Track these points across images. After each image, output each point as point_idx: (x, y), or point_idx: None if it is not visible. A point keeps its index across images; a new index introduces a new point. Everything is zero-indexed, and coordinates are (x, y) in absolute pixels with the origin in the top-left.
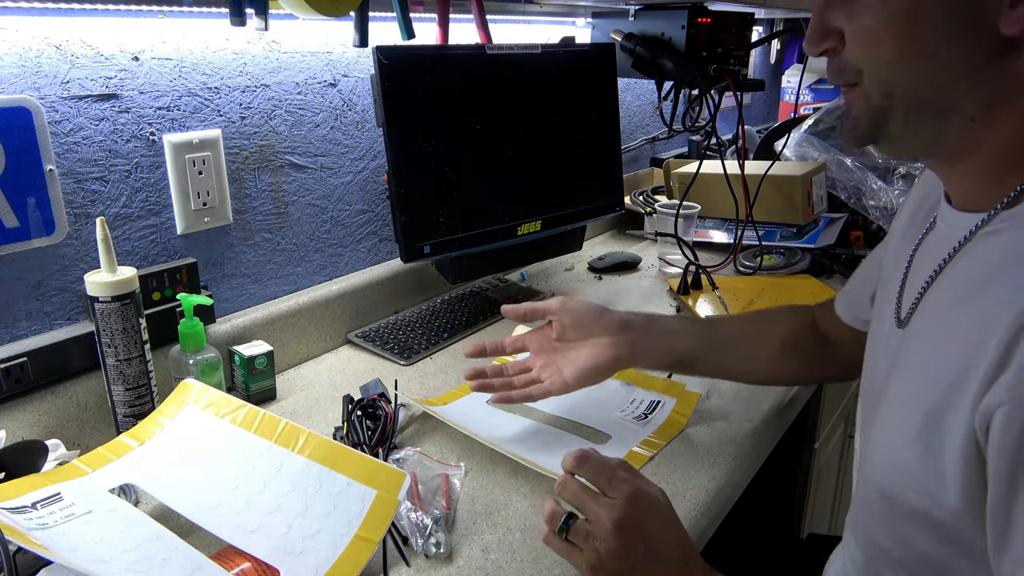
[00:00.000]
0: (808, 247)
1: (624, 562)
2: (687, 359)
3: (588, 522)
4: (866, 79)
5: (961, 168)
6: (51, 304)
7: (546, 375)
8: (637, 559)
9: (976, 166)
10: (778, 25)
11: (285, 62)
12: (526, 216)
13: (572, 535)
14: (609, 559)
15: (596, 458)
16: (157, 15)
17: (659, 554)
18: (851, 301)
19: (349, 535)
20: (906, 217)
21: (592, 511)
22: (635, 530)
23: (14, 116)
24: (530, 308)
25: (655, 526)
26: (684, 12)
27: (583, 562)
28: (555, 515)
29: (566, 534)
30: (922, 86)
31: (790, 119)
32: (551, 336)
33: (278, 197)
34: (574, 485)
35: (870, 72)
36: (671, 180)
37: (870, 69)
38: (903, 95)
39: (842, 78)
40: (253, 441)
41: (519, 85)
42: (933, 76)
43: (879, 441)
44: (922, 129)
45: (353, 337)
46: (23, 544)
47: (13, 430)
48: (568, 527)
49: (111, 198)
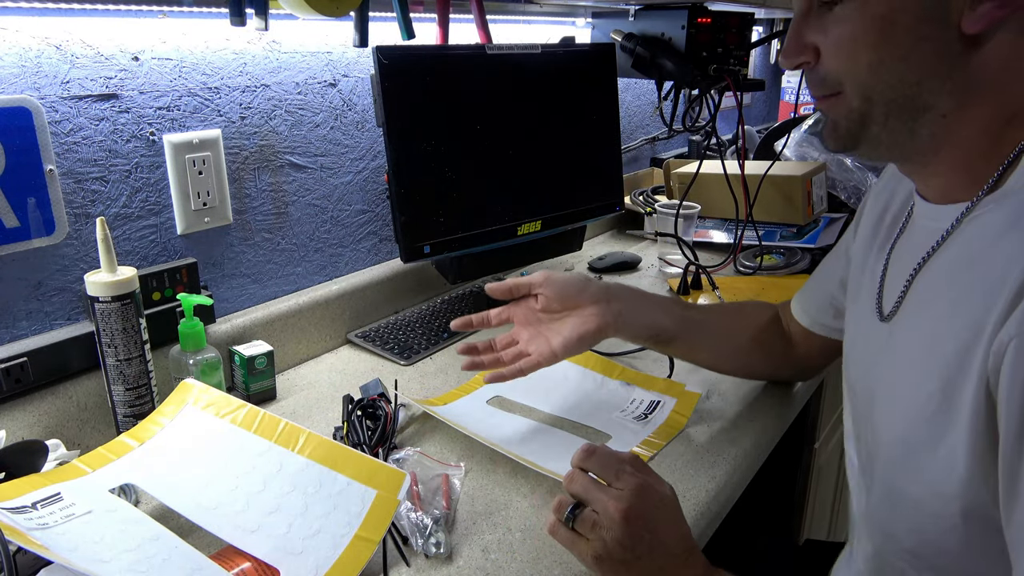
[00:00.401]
0: (808, 247)
1: (630, 552)
2: (665, 336)
3: (595, 512)
4: (847, 86)
5: (936, 164)
6: (51, 304)
7: (533, 347)
8: (643, 550)
9: (950, 161)
10: (778, 25)
11: (285, 62)
12: (526, 216)
13: (578, 524)
14: (615, 548)
15: (604, 451)
16: (157, 15)
17: (664, 546)
18: (807, 304)
19: (349, 535)
20: (868, 227)
21: (600, 501)
22: (641, 521)
23: (14, 116)
24: (514, 284)
25: (661, 518)
26: (684, 12)
27: (588, 551)
28: (562, 505)
29: (572, 523)
30: (899, 86)
31: (790, 119)
32: (536, 308)
33: (278, 197)
34: (582, 477)
35: (849, 79)
36: (671, 180)
37: (850, 76)
38: (881, 97)
39: (823, 89)
40: (253, 441)
41: (519, 85)
42: (908, 76)
43: (886, 433)
44: (899, 129)
45: (353, 337)
46: (23, 544)
47: (13, 430)
48: (575, 516)
49: (111, 198)
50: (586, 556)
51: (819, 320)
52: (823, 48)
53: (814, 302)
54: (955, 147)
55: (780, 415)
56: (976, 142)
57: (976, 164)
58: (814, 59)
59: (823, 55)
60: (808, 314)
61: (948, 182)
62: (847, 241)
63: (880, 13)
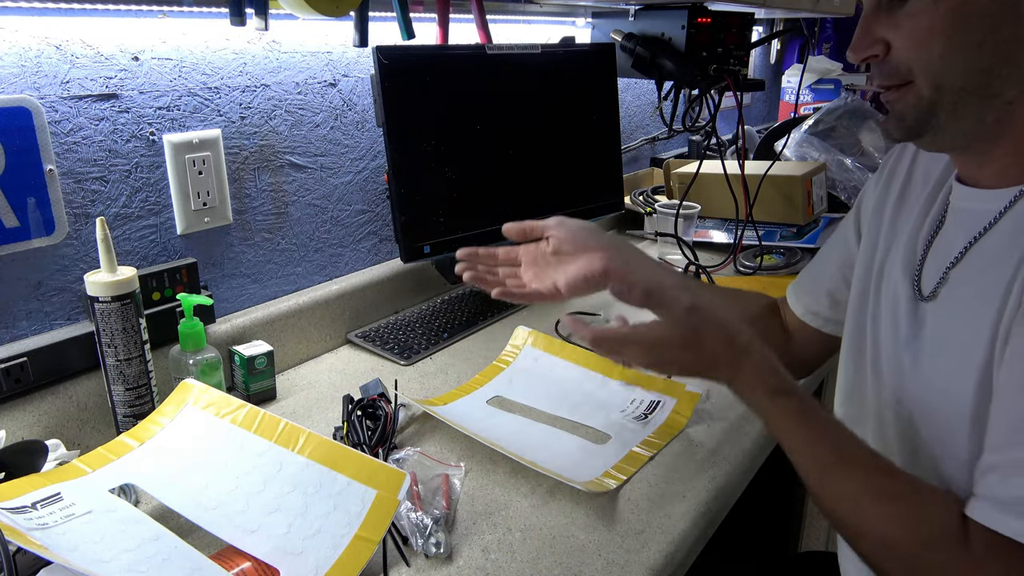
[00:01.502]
0: (808, 247)
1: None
2: None
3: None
4: (917, 75)
5: (996, 150)
6: (51, 304)
7: (537, 284)
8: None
9: (1008, 147)
10: (778, 25)
11: (285, 62)
12: (526, 216)
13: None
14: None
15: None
16: (157, 15)
17: (725, 330)
18: (804, 295)
19: (349, 535)
20: (883, 229)
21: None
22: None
23: (14, 116)
24: (529, 225)
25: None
26: (684, 12)
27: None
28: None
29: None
30: (970, 74)
31: (790, 119)
32: (546, 251)
33: (278, 197)
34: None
35: (921, 69)
36: (671, 180)
37: (921, 66)
38: (952, 85)
39: (893, 79)
40: (253, 441)
41: (519, 85)
42: (980, 64)
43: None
44: (966, 117)
45: (353, 337)
46: (23, 544)
47: (13, 430)
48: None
49: (111, 198)
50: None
51: (812, 309)
52: (894, 41)
53: (808, 291)
54: (1012, 134)
55: None
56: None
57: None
58: (884, 52)
59: (894, 47)
60: (801, 302)
61: (1004, 166)
62: (846, 233)
63: (954, 5)
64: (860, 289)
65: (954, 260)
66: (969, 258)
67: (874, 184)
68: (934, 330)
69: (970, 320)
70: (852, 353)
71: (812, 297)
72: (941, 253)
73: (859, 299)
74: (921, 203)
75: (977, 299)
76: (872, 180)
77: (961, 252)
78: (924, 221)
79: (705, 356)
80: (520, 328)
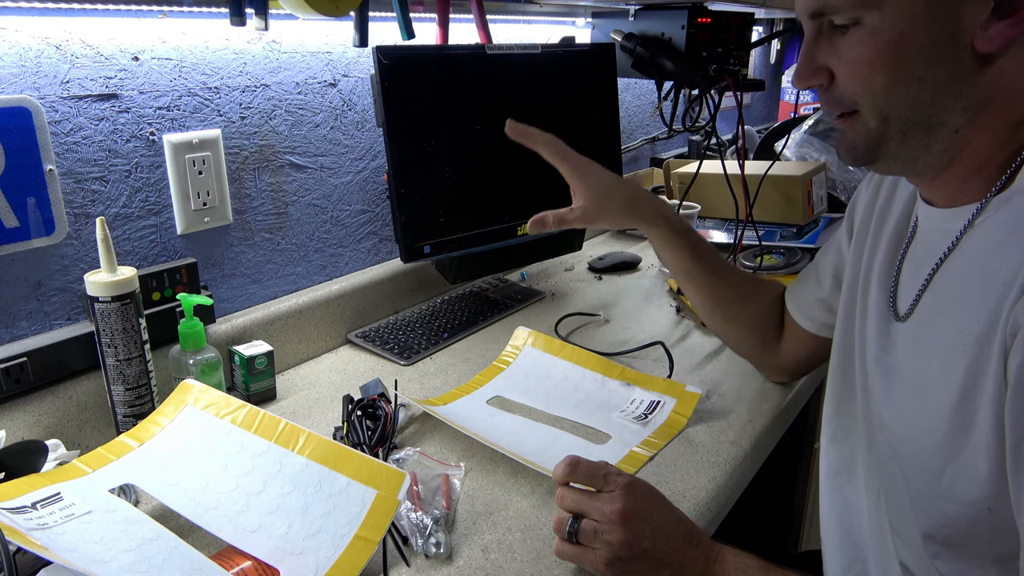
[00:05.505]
0: (808, 247)
1: (636, 547)
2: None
3: (594, 521)
4: (863, 107)
5: (947, 175)
6: (51, 304)
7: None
8: (647, 542)
9: (961, 171)
10: (778, 25)
11: (285, 62)
12: (526, 216)
13: (581, 537)
14: (621, 548)
15: (586, 462)
16: (157, 15)
17: (665, 534)
18: (800, 298)
19: (349, 535)
20: (865, 235)
21: (595, 508)
22: (638, 515)
23: (14, 116)
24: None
25: (655, 507)
26: (684, 12)
27: (599, 560)
28: (561, 522)
29: (575, 538)
30: (914, 106)
31: (790, 119)
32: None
33: (278, 197)
34: (572, 492)
35: (866, 100)
36: (671, 180)
37: (866, 98)
38: (898, 117)
39: (841, 107)
40: (253, 441)
41: (519, 85)
42: (923, 96)
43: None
44: (915, 146)
45: (353, 337)
46: (23, 544)
47: (13, 430)
48: (575, 530)
49: (111, 198)
50: (598, 565)
51: (807, 313)
52: (837, 70)
53: (804, 295)
54: (966, 158)
55: (780, 415)
56: (985, 150)
57: (985, 169)
58: (827, 81)
59: (838, 77)
60: (797, 305)
61: (958, 188)
62: (840, 241)
63: (892, 38)
64: (848, 297)
65: (924, 281)
66: (938, 279)
67: (866, 185)
68: (904, 354)
69: (941, 356)
70: (840, 362)
71: (807, 301)
72: (912, 271)
73: (847, 307)
74: (900, 213)
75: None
76: (864, 182)
77: (930, 273)
78: (901, 233)
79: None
80: (520, 328)
